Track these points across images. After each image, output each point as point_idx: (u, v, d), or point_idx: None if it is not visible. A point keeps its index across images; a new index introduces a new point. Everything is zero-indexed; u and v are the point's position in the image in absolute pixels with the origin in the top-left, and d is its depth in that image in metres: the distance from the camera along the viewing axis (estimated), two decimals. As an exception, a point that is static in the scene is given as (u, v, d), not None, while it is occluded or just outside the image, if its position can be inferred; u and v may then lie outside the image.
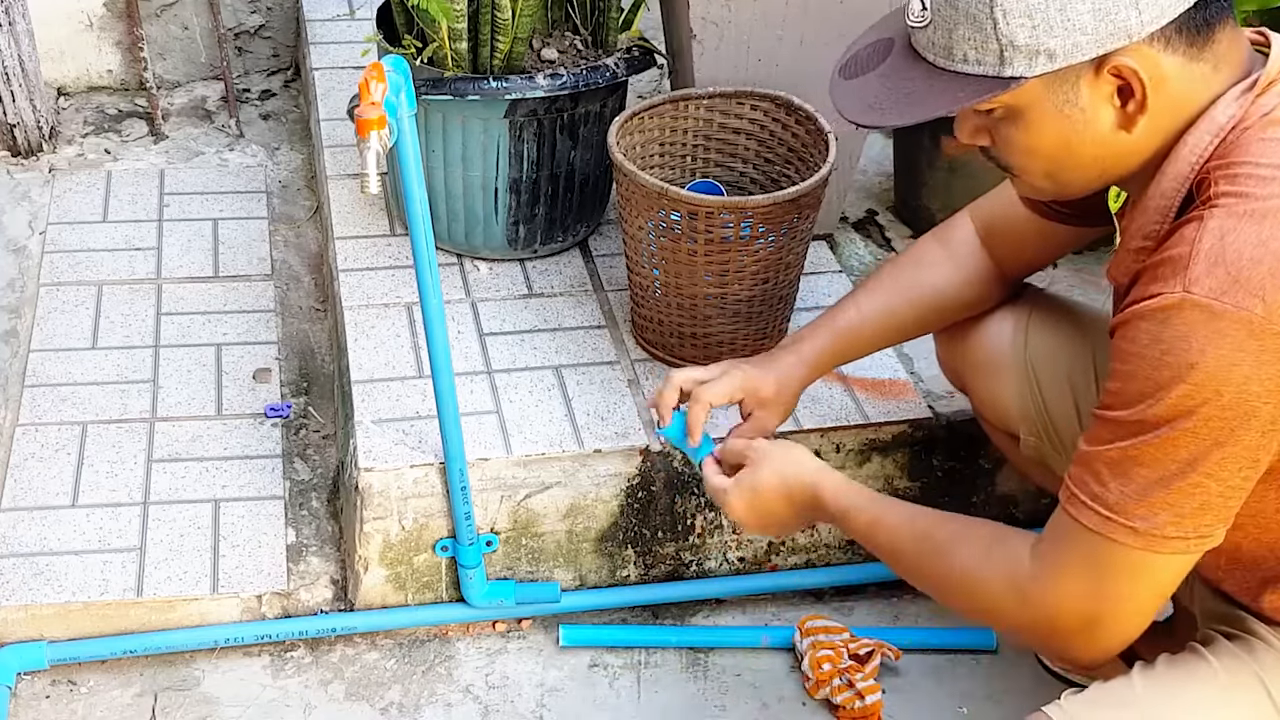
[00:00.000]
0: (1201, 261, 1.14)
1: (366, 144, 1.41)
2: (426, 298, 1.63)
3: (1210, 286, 1.13)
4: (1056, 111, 1.21)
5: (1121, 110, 1.21)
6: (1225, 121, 1.20)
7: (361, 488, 1.82)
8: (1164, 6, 1.16)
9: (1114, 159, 1.24)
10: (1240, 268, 1.13)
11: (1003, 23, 1.17)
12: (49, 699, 1.79)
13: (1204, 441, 1.16)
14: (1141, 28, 1.16)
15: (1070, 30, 1.16)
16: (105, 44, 2.85)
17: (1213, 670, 1.32)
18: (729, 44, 2.03)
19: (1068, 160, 1.25)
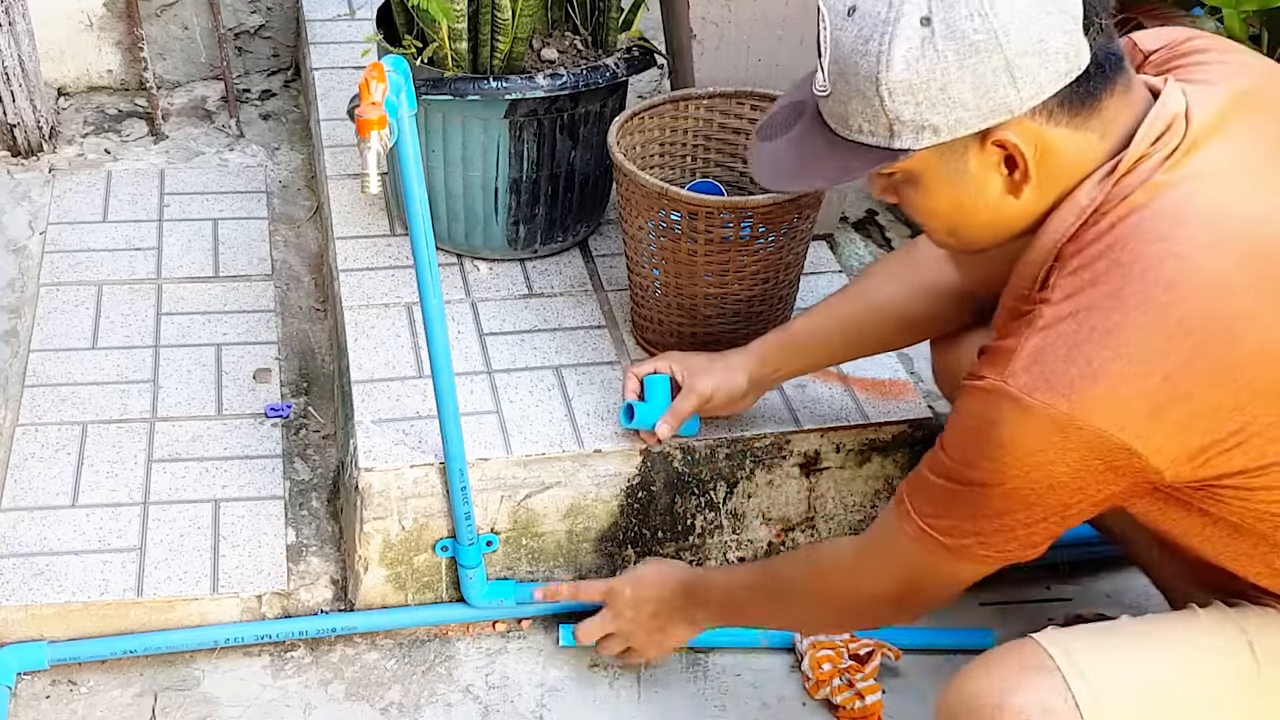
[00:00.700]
0: (1021, 359, 1.23)
1: (367, 144, 1.41)
2: (426, 298, 1.63)
3: (1024, 383, 1.22)
4: (948, 178, 1.28)
5: (1009, 178, 1.26)
6: (1086, 204, 1.25)
7: (361, 488, 1.82)
8: (1042, 83, 1.20)
9: (1006, 221, 1.30)
10: (1053, 369, 1.21)
11: (889, 100, 1.23)
12: (49, 699, 1.79)
13: (1012, 502, 1.28)
14: (1021, 104, 1.21)
15: (952, 107, 1.21)
16: (105, 44, 2.85)
17: (1198, 618, 1.38)
18: (729, 44, 2.04)
19: (964, 220, 1.32)
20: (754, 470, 1.91)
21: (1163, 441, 1.21)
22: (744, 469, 1.91)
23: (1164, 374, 1.19)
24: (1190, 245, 1.20)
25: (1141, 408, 1.19)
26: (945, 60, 1.19)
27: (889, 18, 1.21)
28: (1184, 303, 1.19)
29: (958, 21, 1.18)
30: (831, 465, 1.93)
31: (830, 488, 1.95)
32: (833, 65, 1.26)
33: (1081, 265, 1.23)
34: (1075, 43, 1.20)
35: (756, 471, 1.91)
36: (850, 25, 1.24)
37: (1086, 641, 1.33)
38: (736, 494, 1.92)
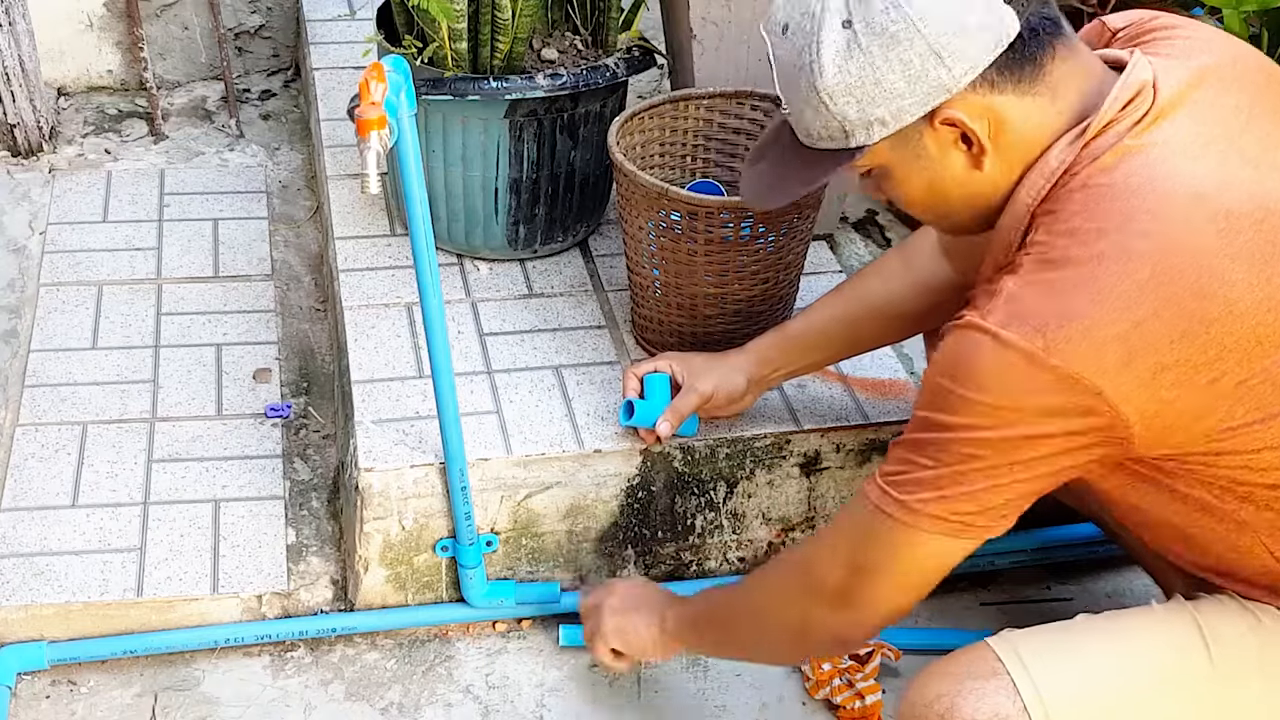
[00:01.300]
0: (999, 298, 1.25)
1: (366, 144, 1.41)
2: (426, 298, 1.63)
3: (1000, 318, 1.24)
4: (913, 164, 1.32)
5: (969, 153, 1.30)
6: (1056, 166, 1.28)
7: (361, 488, 1.82)
8: (973, 58, 1.24)
9: (980, 197, 1.33)
10: (1030, 306, 1.23)
11: (831, 104, 1.29)
12: (49, 699, 1.79)
13: (977, 447, 1.26)
14: (955, 81, 1.25)
15: (890, 98, 1.26)
16: (105, 44, 2.85)
17: (1152, 610, 1.41)
18: (729, 44, 2.04)
19: (942, 203, 1.36)
20: (754, 470, 1.91)
21: (1133, 389, 1.22)
22: (744, 469, 1.91)
23: (1134, 321, 1.20)
24: (1164, 203, 1.23)
25: (1115, 352, 1.21)
26: (871, 56, 1.25)
27: (813, 28, 1.27)
28: (1157, 255, 1.21)
29: (875, 17, 1.24)
30: (831, 465, 1.93)
31: (830, 488, 1.95)
32: (780, 82, 1.33)
33: (1057, 221, 1.26)
34: (998, 13, 1.23)
35: (757, 471, 1.91)
36: (785, 42, 1.31)
37: (1037, 642, 1.35)
38: (737, 494, 1.92)
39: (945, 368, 1.29)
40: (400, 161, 1.54)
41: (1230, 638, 1.35)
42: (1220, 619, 1.37)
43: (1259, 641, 1.36)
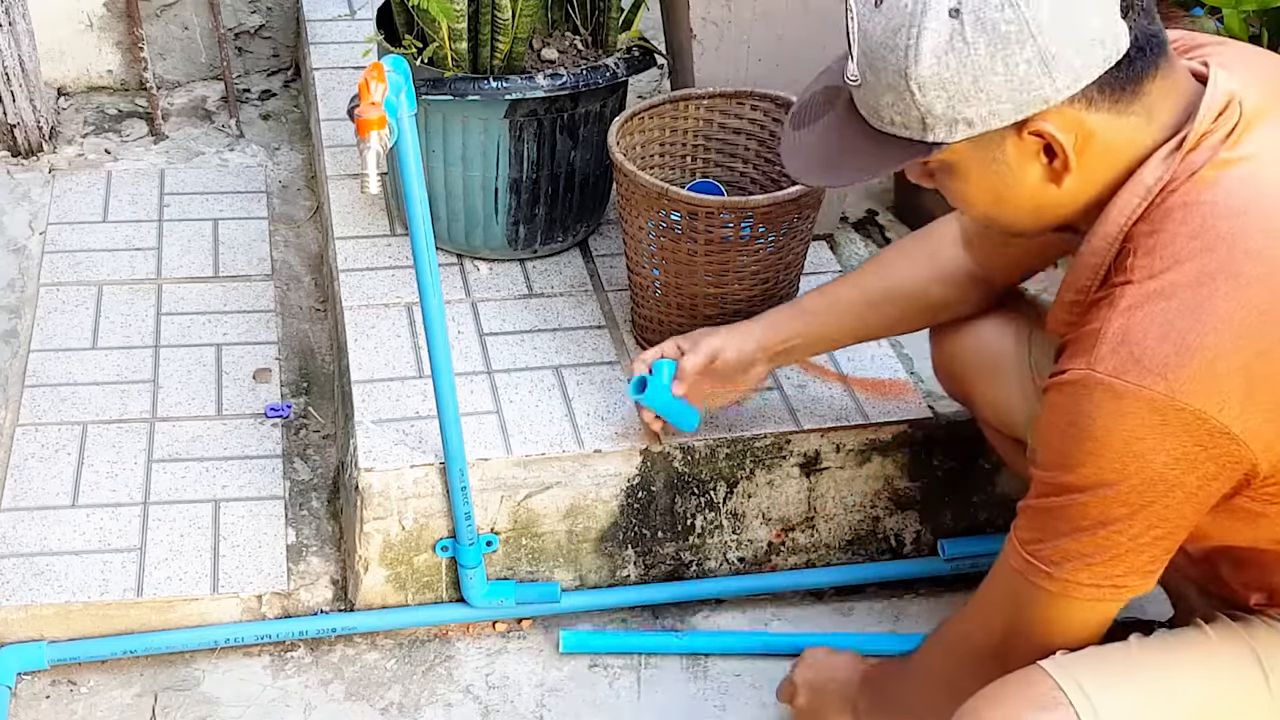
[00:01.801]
0: (1108, 341, 1.18)
1: (366, 144, 1.41)
2: (426, 298, 1.63)
3: (1113, 366, 1.17)
4: (985, 167, 1.24)
5: (1048, 166, 1.22)
6: (1153, 184, 1.21)
7: (361, 488, 1.82)
8: (1079, 71, 1.16)
9: (1049, 208, 1.27)
10: (1145, 348, 1.16)
11: (919, 95, 1.19)
12: (49, 699, 1.79)
13: (1112, 506, 1.21)
14: (1057, 93, 1.17)
15: (985, 100, 1.18)
16: (105, 44, 2.85)
17: (1206, 636, 1.35)
18: (729, 44, 2.03)
19: (1003, 208, 1.29)
20: (754, 470, 1.91)
21: (1260, 424, 1.17)
22: (744, 469, 1.91)
23: (1258, 350, 1.15)
24: (1274, 219, 1.17)
25: (1239, 385, 1.15)
26: (976, 53, 1.16)
27: (916, 10, 1.17)
28: (1275, 277, 1.15)
29: (987, 12, 1.15)
30: (831, 465, 1.93)
31: (830, 488, 1.95)
32: (861, 58, 1.23)
33: (1160, 243, 1.19)
34: (1113, 27, 1.16)
35: (756, 471, 1.91)
36: (878, 17, 1.20)
37: (1096, 671, 1.29)
38: (736, 494, 1.92)
39: (1063, 427, 1.22)
40: (400, 161, 1.54)
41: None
42: (1275, 646, 1.32)
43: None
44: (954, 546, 1.97)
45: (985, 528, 2.01)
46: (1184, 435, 1.17)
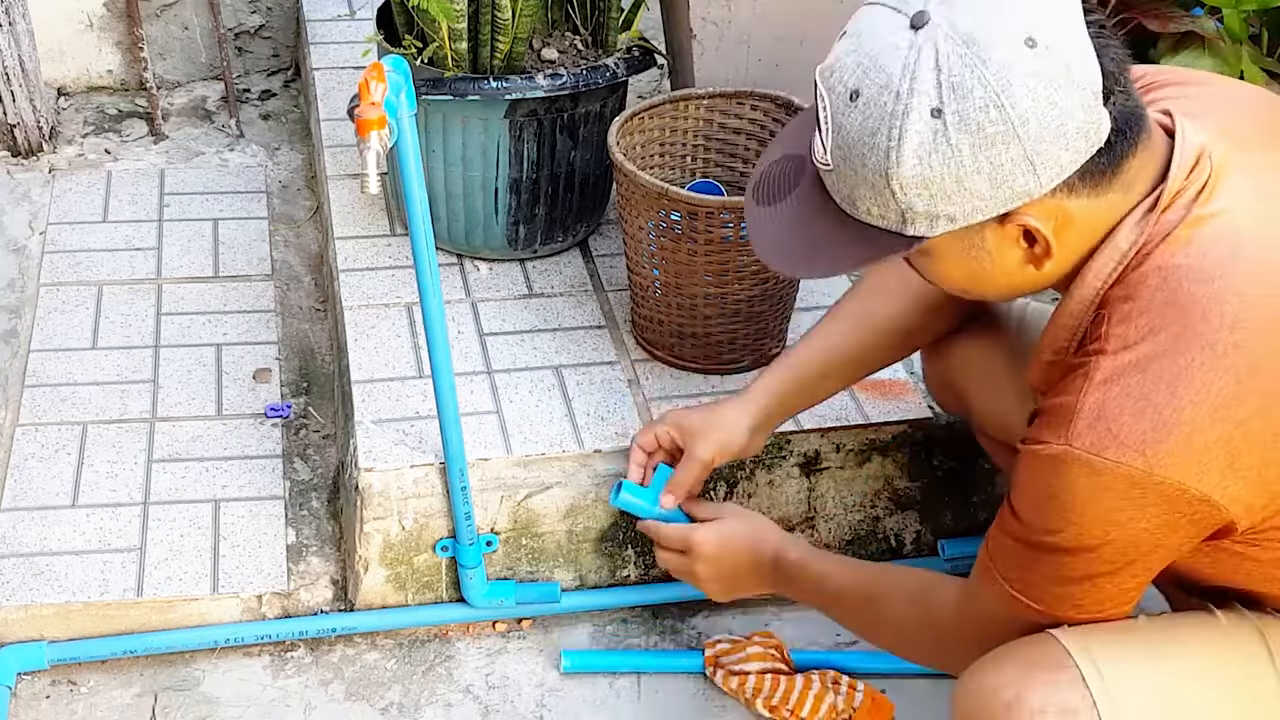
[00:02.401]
0: (1085, 416, 1.18)
1: (366, 144, 1.41)
2: (426, 298, 1.63)
3: (1091, 442, 1.17)
4: (964, 254, 1.23)
5: (1029, 250, 1.22)
6: (1128, 248, 1.20)
7: (361, 488, 1.82)
8: (1063, 165, 1.15)
9: (1026, 285, 1.27)
10: (1122, 424, 1.16)
11: (900, 193, 1.17)
12: (49, 699, 1.79)
13: (1097, 563, 1.24)
14: (1040, 188, 1.16)
15: (969, 197, 1.16)
16: (105, 44, 2.85)
17: (1215, 619, 1.34)
18: (729, 44, 2.04)
19: (980, 286, 1.28)
20: (754, 470, 1.91)
21: (1241, 490, 1.18)
22: (744, 469, 1.90)
23: (1238, 420, 1.15)
24: (1248, 282, 1.16)
25: (1219, 456, 1.16)
26: (960, 154, 1.14)
27: (897, 110, 1.14)
28: (1252, 343, 1.15)
29: (971, 113, 1.12)
30: (831, 465, 1.93)
31: (830, 488, 1.95)
32: (836, 150, 1.20)
33: (1135, 310, 1.18)
34: (1096, 116, 1.15)
35: (756, 471, 1.91)
36: (854, 112, 1.17)
37: (1105, 639, 1.29)
38: (737, 494, 1.92)
39: (1043, 497, 1.23)
40: (400, 161, 1.54)
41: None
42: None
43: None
44: (954, 546, 1.97)
45: (985, 528, 1.99)
46: (1164, 505, 1.18)
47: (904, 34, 1.15)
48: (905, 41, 1.14)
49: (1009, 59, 1.12)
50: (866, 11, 1.20)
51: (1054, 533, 1.23)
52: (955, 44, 1.13)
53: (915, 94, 1.13)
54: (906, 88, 1.14)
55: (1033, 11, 1.13)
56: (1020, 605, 1.31)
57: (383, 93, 1.42)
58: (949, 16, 1.14)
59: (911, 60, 1.14)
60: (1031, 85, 1.12)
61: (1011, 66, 1.12)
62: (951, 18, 1.13)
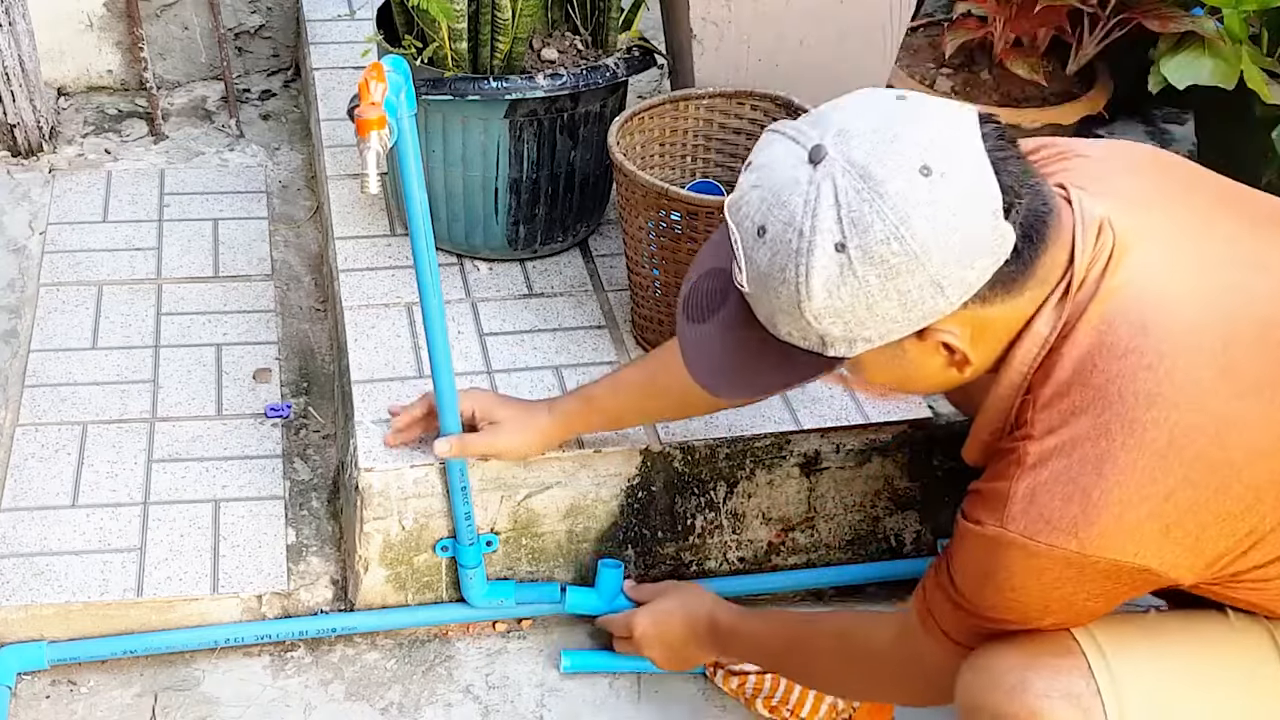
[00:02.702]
0: (1018, 502, 1.21)
1: (366, 144, 1.41)
2: (426, 298, 1.63)
3: (1024, 526, 1.20)
4: (889, 364, 1.26)
5: (950, 357, 1.24)
6: (1048, 333, 1.23)
7: (361, 488, 1.82)
8: (970, 282, 1.18)
9: (953, 383, 1.29)
10: (1052, 509, 1.19)
11: (815, 322, 1.20)
12: (49, 699, 1.79)
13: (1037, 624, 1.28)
14: (951, 306, 1.19)
15: (881, 321, 1.19)
16: (105, 44, 2.85)
17: (1225, 616, 1.35)
18: (729, 44, 2.03)
19: (908, 388, 1.32)
20: (754, 470, 1.91)
21: (1178, 556, 1.20)
22: (744, 469, 1.91)
23: (1165, 494, 1.18)
24: (1159, 355, 1.18)
25: (1152, 530, 1.18)
26: (867, 285, 1.16)
27: (802, 247, 1.17)
28: (1168, 418, 1.17)
29: (873, 246, 1.15)
30: (831, 465, 1.93)
31: (830, 488, 1.95)
32: (751, 280, 1.23)
33: (1057, 394, 1.22)
34: (999, 232, 1.17)
35: (757, 471, 1.91)
36: (763, 247, 1.20)
37: (1113, 630, 1.30)
38: (737, 494, 1.92)
39: (982, 575, 1.27)
40: (400, 161, 1.54)
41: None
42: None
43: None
44: (954, 546, 1.97)
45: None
46: (1102, 579, 1.22)
47: (803, 169, 1.18)
48: (805, 177, 1.17)
49: (905, 190, 1.14)
50: (769, 142, 1.23)
51: (994, 608, 1.28)
52: (852, 178, 1.15)
53: (818, 231, 1.16)
54: (809, 225, 1.16)
55: (927, 139, 1.16)
56: (964, 652, 1.35)
57: (383, 92, 1.42)
58: (845, 151, 1.16)
59: (812, 196, 1.16)
60: (929, 214, 1.14)
61: (908, 197, 1.14)
62: (847, 152, 1.16)
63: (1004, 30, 2.37)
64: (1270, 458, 1.19)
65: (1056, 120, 2.30)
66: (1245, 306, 1.22)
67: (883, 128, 1.16)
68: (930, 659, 1.39)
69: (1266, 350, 1.20)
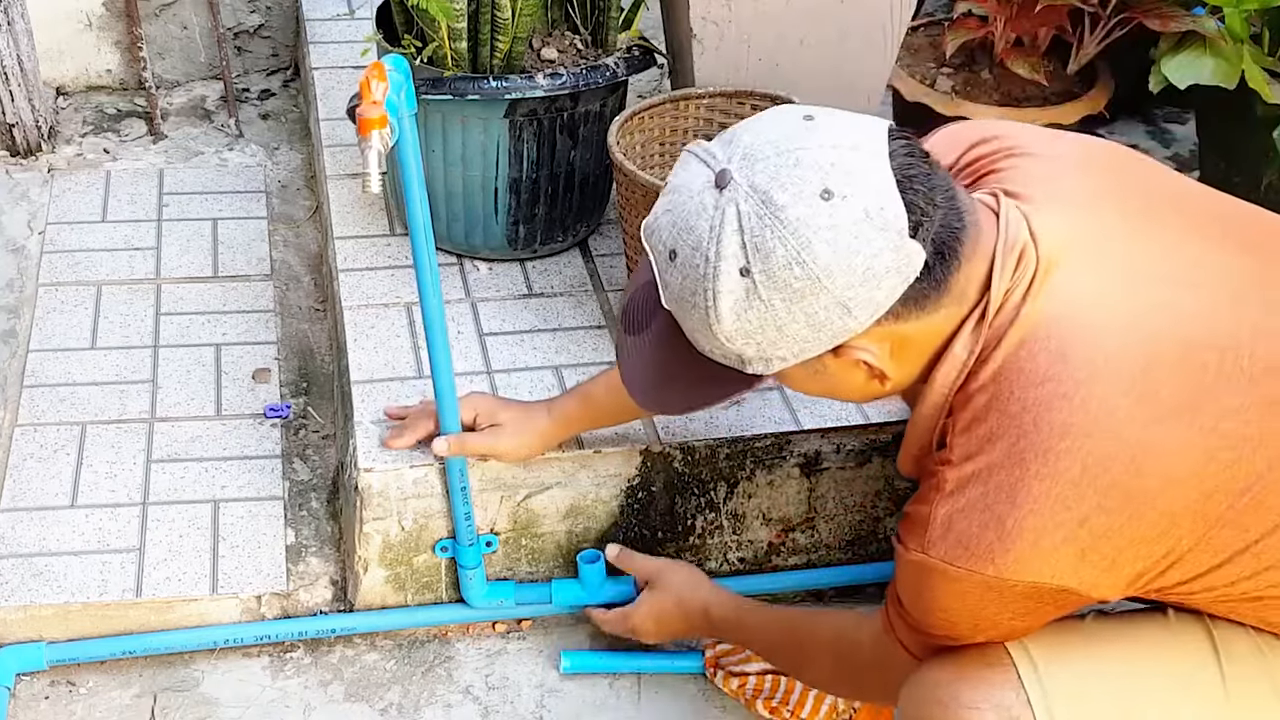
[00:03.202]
0: (937, 528, 1.24)
1: (368, 143, 1.40)
2: (426, 298, 1.63)
3: (944, 551, 1.23)
4: (812, 377, 1.27)
5: (869, 371, 1.25)
6: (966, 357, 1.24)
7: (361, 488, 1.82)
8: (878, 302, 1.19)
9: (879, 395, 1.30)
10: (969, 535, 1.21)
11: (729, 343, 1.22)
12: (48, 700, 1.79)
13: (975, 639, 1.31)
14: (860, 325, 1.20)
15: (792, 341, 1.21)
16: (104, 44, 2.85)
17: (1165, 618, 1.36)
18: (729, 44, 2.03)
19: (837, 397, 1.34)
20: (754, 470, 1.91)
21: (1096, 577, 1.22)
22: (744, 469, 1.90)
23: (1079, 520, 1.19)
24: (1075, 384, 1.19)
25: (1067, 554, 1.20)
26: (773, 308, 1.18)
27: (708, 272, 1.19)
28: (1081, 447, 1.18)
29: (777, 271, 1.16)
30: (832, 465, 1.93)
31: (831, 488, 1.95)
32: (669, 302, 1.26)
33: (974, 419, 1.23)
34: (905, 251, 1.17)
35: (757, 472, 1.91)
36: (675, 271, 1.23)
37: (1046, 639, 1.32)
38: (737, 494, 1.92)
39: (914, 592, 1.32)
40: (400, 161, 1.53)
41: (1243, 655, 1.32)
42: (1233, 635, 1.33)
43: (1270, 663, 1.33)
44: (954, 547, 1.96)
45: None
46: (1024, 600, 1.24)
47: (710, 194, 1.19)
48: (711, 202, 1.19)
49: (806, 215, 1.15)
50: (684, 163, 1.25)
51: (931, 626, 1.32)
52: (755, 204, 1.17)
53: (722, 257, 1.18)
54: (714, 251, 1.18)
55: (828, 162, 1.16)
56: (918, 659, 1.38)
57: (384, 91, 1.42)
58: (749, 176, 1.18)
59: (717, 222, 1.18)
60: (830, 238, 1.15)
61: (808, 222, 1.15)
62: (751, 177, 1.17)
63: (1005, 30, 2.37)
64: (1186, 484, 1.19)
65: (1057, 120, 2.30)
66: (1170, 328, 1.22)
67: (786, 151, 1.18)
68: (897, 665, 1.41)
69: (1188, 373, 1.20)
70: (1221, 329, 1.22)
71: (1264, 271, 1.28)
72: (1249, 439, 1.19)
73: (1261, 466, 1.20)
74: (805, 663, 1.64)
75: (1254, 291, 1.25)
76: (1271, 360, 1.21)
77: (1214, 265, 1.27)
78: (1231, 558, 1.23)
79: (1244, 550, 1.23)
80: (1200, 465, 1.19)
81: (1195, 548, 1.22)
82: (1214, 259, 1.28)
